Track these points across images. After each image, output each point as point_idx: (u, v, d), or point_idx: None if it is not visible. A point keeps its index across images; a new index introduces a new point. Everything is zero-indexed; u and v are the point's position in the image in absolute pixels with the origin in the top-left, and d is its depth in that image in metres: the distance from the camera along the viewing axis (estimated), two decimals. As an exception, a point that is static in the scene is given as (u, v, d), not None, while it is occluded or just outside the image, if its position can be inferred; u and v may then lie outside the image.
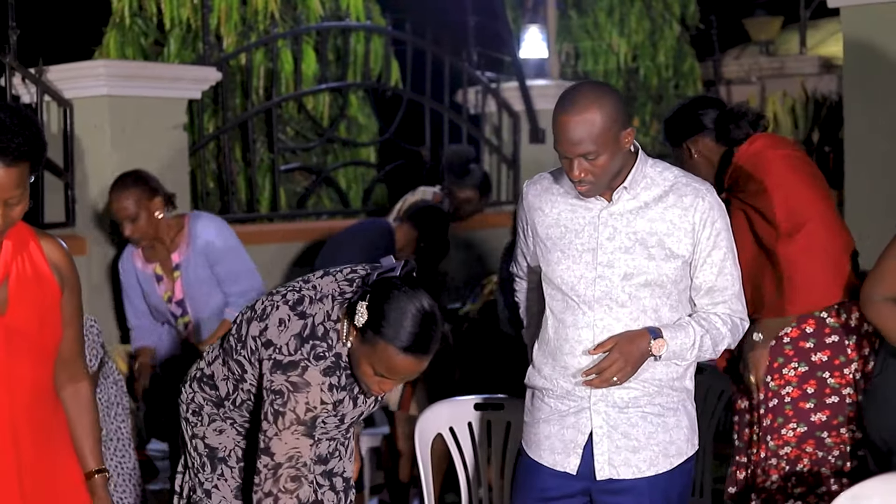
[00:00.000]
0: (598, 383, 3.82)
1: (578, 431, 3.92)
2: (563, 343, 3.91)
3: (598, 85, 3.88)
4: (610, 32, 11.31)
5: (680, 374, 3.93)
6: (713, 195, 3.91)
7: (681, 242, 3.86)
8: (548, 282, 3.96)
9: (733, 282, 3.94)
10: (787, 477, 4.66)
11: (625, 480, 3.91)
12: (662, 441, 3.92)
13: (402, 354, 3.66)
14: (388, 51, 9.05)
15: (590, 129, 3.71)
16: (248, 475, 3.95)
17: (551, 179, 4.02)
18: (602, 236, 3.87)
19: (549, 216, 3.97)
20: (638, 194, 3.88)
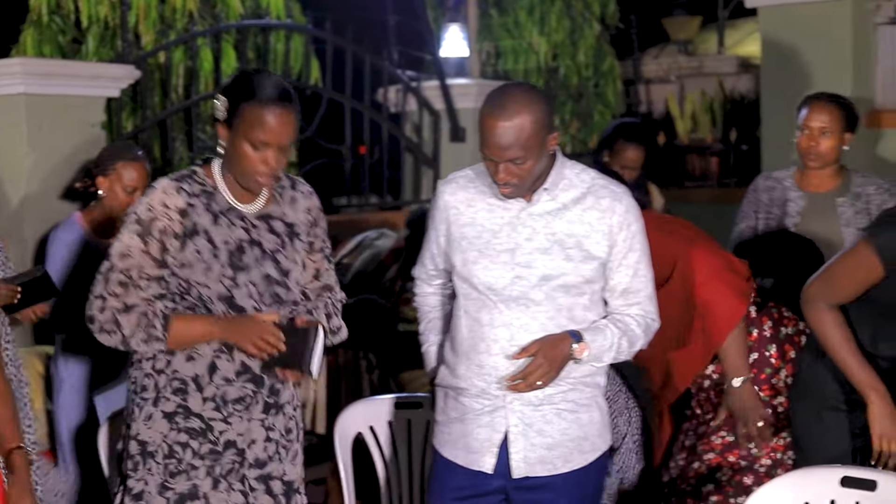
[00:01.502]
0: (523, 388, 3.84)
1: (494, 430, 3.93)
2: (478, 342, 3.92)
3: (528, 89, 3.87)
4: (530, 31, 11.34)
5: (592, 370, 3.96)
6: (630, 198, 3.94)
7: (598, 244, 3.89)
8: (463, 281, 3.96)
9: (647, 284, 3.99)
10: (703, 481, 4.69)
11: (540, 478, 3.93)
12: (577, 437, 3.95)
13: (267, 106, 3.76)
14: (309, 49, 9.03)
15: (519, 134, 3.72)
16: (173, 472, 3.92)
17: (468, 178, 4.02)
18: (521, 237, 3.89)
19: (465, 215, 3.97)
20: (557, 196, 3.90)
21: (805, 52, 7.06)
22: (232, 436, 3.92)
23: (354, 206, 9.65)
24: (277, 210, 3.99)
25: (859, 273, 4.14)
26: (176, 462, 3.90)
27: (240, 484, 3.93)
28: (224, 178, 3.92)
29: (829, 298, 4.19)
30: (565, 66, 11.50)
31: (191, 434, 3.90)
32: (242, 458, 3.93)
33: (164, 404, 3.91)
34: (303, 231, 4.01)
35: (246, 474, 3.93)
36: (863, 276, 4.13)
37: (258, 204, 3.95)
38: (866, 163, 6.82)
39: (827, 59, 7.00)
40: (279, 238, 3.95)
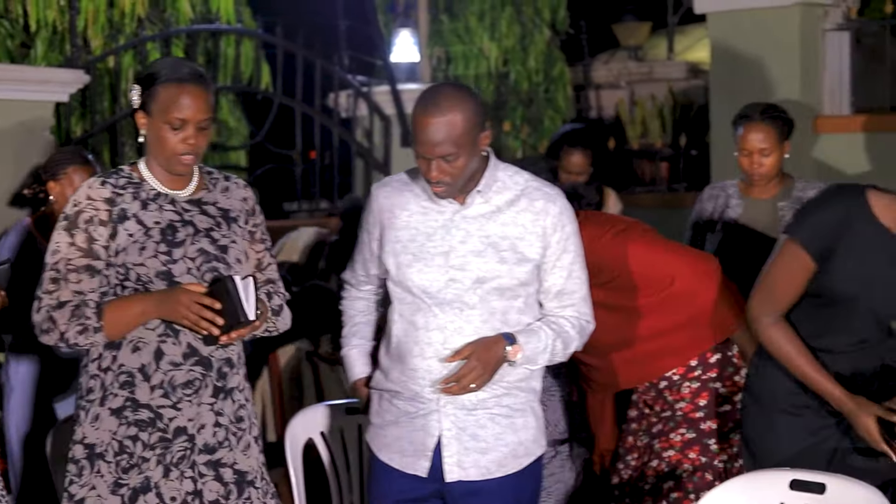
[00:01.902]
0: (456, 390, 3.84)
1: (427, 434, 3.93)
2: (412, 346, 3.92)
3: (458, 87, 3.92)
4: (481, 37, 11.36)
5: (527, 375, 3.97)
6: (563, 200, 3.96)
7: (532, 246, 3.90)
8: (397, 284, 3.96)
9: (581, 285, 4.01)
10: (663, 478, 4.71)
11: (474, 482, 3.93)
12: (511, 442, 3.96)
13: (180, 85, 3.81)
14: (259, 54, 9.01)
15: (450, 130, 3.74)
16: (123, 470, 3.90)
17: (402, 181, 4.03)
18: (455, 240, 3.90)
19: (399, 218, 3.97)
20: (490, 198, 3.91)
21: (754, 57, 7.10)
22: (182, 422, 3.90)
23: (305, 212, 9.64)
24: (210, 196, 3.99)
25: (794, 273, 4.16)
26: (127, 457, 3.88)
27: (190, 471, 3.91)
28: (150, 168, 3.93)
29: (772, 309, 4.19)
30: (516, 72, 11.53)
31: (140, 426, 3.88)
32: (192, 444, 3.91)
33: (111, 401, 3.88)
34: (240, 217, 4.01)
35: (196, 460, 3.91)
36: (798, 275, 4.15)
37: (188, 190, 3.96)
38: (812, 168, 6.87)
39: (775, 65, 7.04)
40: (213, 219, 3.95)
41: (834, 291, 4.10)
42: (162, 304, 3.81)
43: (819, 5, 7.15)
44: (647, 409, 4.81)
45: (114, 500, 3.87)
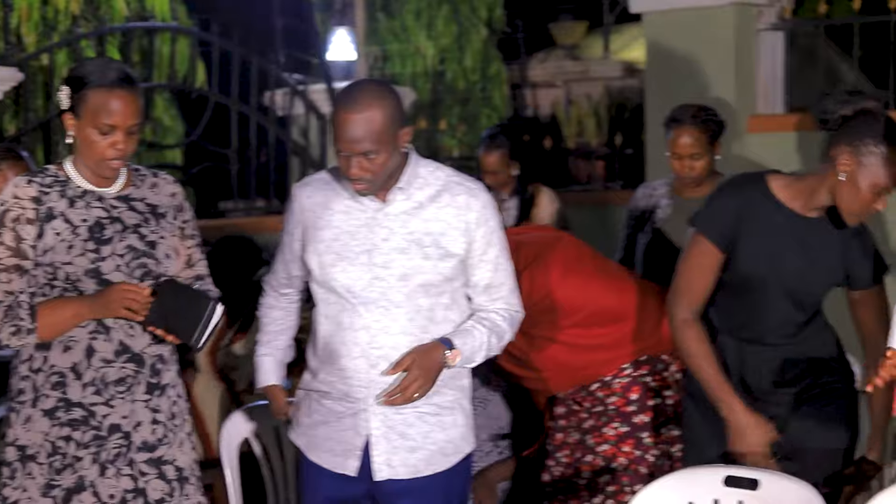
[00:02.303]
0: (400, 402, 3.84)
1: (356, 433, 3.92)
2: (339, 346, 3.91)
3: (378, 83, 3.92)
4: (417, 35, 11.37)
5: (455, 372, 3.97)
6: (486, 193, 3.97)
7: (456, 241, 3.90)
8: (321, 285, 3.95)
9: (508, 277, 4.02)
10: (599, 473, 4.72)
11: (404, 481, 3.92)
12: (440, 440, 3.96)
13: (110, 90, 3.78)
14: (195, 52, 8.97)
15: (370, 126, 3.73)
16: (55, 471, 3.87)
17: (324, 181, 4.01)
18: (378, 237, 3.89)
19: (322, 218, 3.95)
20: (412, 194, 3.90)
21: (689, 56, 7.13)
22: (116, 419, 3.87)
23: (241, 210, 9.60)
24: (137, 193, 3.97)
25: (703, 265, 4.21)
26: (61, 458, 3.85)
27: (128, 468, 3.88)
28: (77, 167, 3.91)
29: (689, 304, 4.24)
30: (452, 71, 11.55)
31: (73, 425, 3.85)
32: (129, 442, 3.88)
33: (43, 402, 3.86)
34: (169, 213, 3.99)
35: (134, 458, 3.89)
36: (708, 265, 4.21)
37: (116, 187, 3.94)
38: (745, 167, 6.89)
39: (710, 64, 7.08)
40: (141, 215, 3.93)
41: (745, 275, 4.17)
42: (97, 302, 3.80)
43: (753, 5, 7.19)
44: (575, 405, 4.82)
45: (45, 502, 3.84)
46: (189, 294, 3.85)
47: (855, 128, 4.01)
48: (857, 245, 4.20)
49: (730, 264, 4.19)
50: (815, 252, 4.17)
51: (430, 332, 3.89)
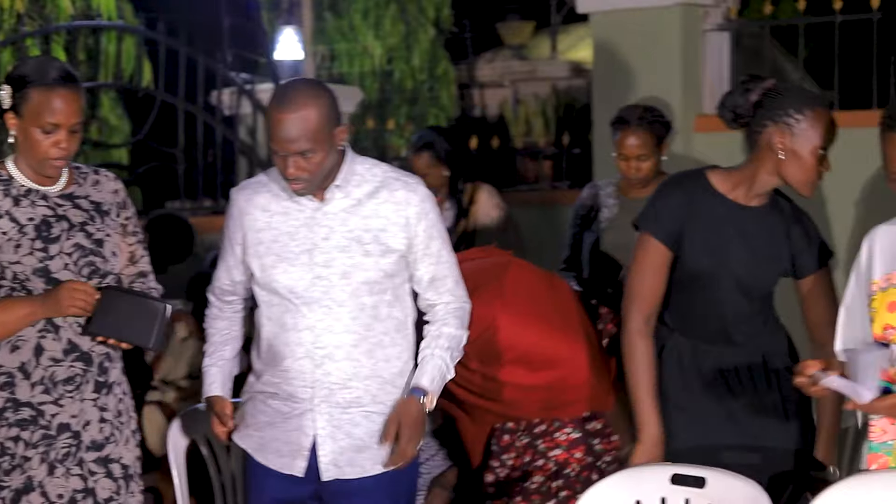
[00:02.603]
0: (403, 464, 3.88)
1: (303, 434, 3.92)
2: (282, 347, 3.91)
3: (312, 82, 3.93)
4: (365, 35, 11.36)
5: (401, 370, 3.98)
6: (424, 187, 3.97)
7: (396, 237, 3.90)
8: (263, 287, 3.94)
9: (451, 268, 4.02)
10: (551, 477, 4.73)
11: (351, 481, 3.92)
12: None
13: (52, 89, 3.78)
14: (141, 51, 8.93)
15: (306, 126, 3.73)
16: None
17: (260, 183, 4.00)
18: (318, 237, 3.88)
19: (260, 220, 3.94)
20: (350, 192, 3.90)
21: (636, 57, 7.16)
22: (65, 418, 3.86)
23: (188, 210, 9.56)
24: (81, 190, 3.95)
25: (653, 264, 4.24)
26: (9, 459, 3.83)
27: (78, 468, 3.87)
28: (19, 167, 3.89)
29: (642, 309, 4.26)
30: (400, 70, 11.54)
31: (21, 426, 3.83)
32: (79, 441, 3.87)
33: None
34: (112, 210, 3.98)
35: (83, 457, 3.88)
36: (657, 265, 4.24)
37: (59, 185, 3.92)
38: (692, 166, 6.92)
39: (657, 65, 7.11)
40: (86, 213, 3.92)
41: (693, 270, 4.20)
42: (48, 301, 3.79)
43: (699, 6, 7.23)
44: None
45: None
46: (134, 299, 3.83)
47: (771, 107, 4.08)
48: (799, 231, 4.24)
49: (678, 262, 4.22)
50: (760, 240, 4.20)
51: (374, 329, 3.89)
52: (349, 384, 3.88)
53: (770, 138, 4.07)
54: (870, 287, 3.69)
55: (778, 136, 4.06)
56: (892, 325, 3.60)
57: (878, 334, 3.63)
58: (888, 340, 3.61)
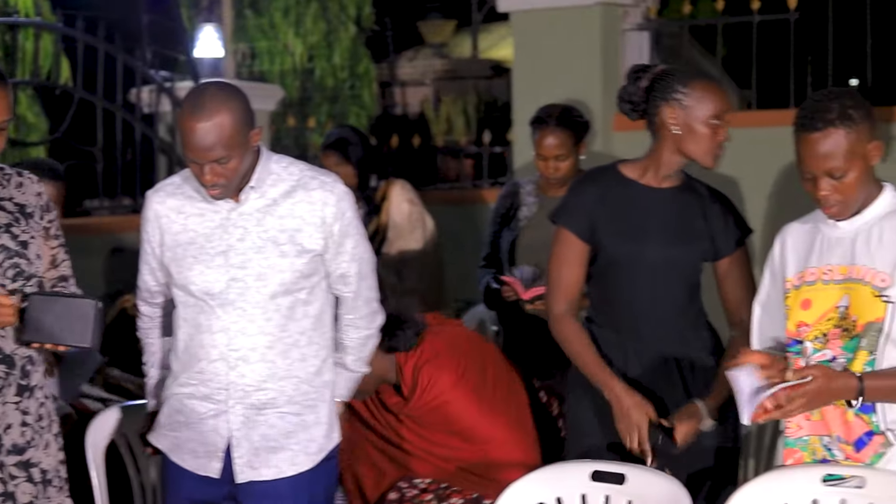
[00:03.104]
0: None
1: (218, 435, 3.90)
2: (197, 349, 3.89)
3: (224, 87, 3.86)
4: (286, 33, 11.34)
5: (318, 368, 3.97)
6: (341, 186, 3.95)
7: (312, 237, 3.89)
8: (180, 288, 3.92)
9: (365, 264, 4.03)
10: None
11: (267, 482, 3.91)
12: (303, 440, 3.95)
13: None
14: (59, 48, 8.85)
15: (220, 133, 3.69)
16: None
17: (175, 185, 3.97)
18: (233, 238, 3.86)
19: (176, 222, 3.92)
20: (266, 192, 3.88)
21: (556, 56, 7.19)
22: None
23: (107, 209, 9.49)
24: (5, 192, 3.90)
25: (569, 257, 4.31)
26: None
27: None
28: None
29: (563, 298, 4.32)
30: (321, 68, 11.52)
31: None
32: (0, 445, 3.83)
33: None
34: (36, 213, 3.93)
35: (4, 461, 3.83)
36: (574, 258, 4.30)
37: None
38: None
39: (577, 64, 7.15)
40: (11, 215, 3.86)
41: (611, 258, 4.25)
42: None
43: (619, 5, 7.28)
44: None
45: None
46: (63, 301, 3.78)
47: (661, 88, 4.18)
48: (717, 210, 4.29)
49: (597, 252, 4.27)
50: (674, 219, 4.25)
51: (289, 330, 3.88)
52: (264, 386, 3.88)
53: (664, 117, 4.16)
54: (784, 284, 3.73)
55: (670, 112, 4.16)
56: (806, 322, 3.65)
57: (792, 331, 3.68)
58: (801, 338, 3.65)
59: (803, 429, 3.67)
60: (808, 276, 3.67)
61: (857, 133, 3.54)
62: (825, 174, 3.55)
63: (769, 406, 3.50)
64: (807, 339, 3.63)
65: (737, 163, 6.71)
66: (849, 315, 3.57)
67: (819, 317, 3.62)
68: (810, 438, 3.66)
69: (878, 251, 3.57)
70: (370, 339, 4.11)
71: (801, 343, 3.64)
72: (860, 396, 3.51)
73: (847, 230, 3.63)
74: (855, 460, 3.58)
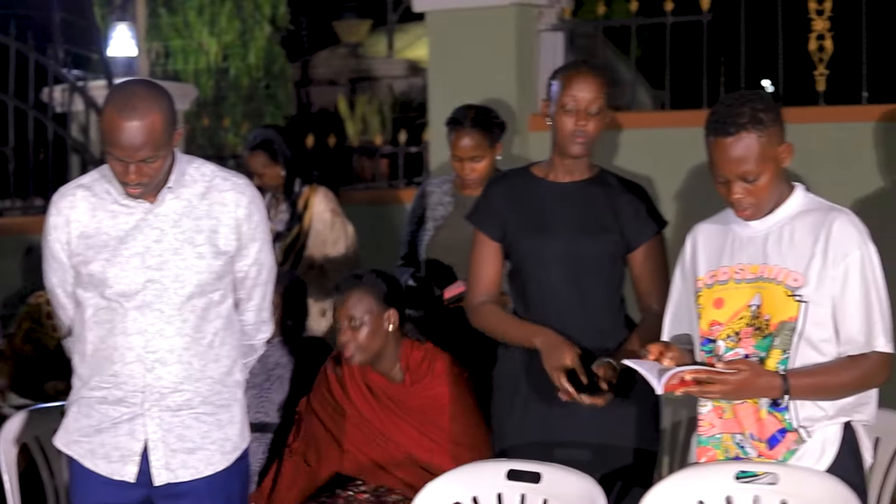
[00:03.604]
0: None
1: (133, 439, 3.87)
2: (111, 352, 3.84)
3: (152, 86, 3.83)
4: (200, 32, 11.27)
5: (229, 368, 3.96)
6: (252, 188, 3.96)
7: (227, 238, 3.88)
8: (91, 291, 3.86)
9: (265, 272, 4.02)
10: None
11: (184, 483, 3.90)
12: (218, 439, 3.94)
13: None
14: (-31, 47, 8.74)
15: (150, 133, 3.66)
16: None
17: (83, 187, 3.91)
18: (149, 239, 3.83)
19: (89, 226, 3.86)
20: (181, 193, 3.86)
21: (472, 56, 7.21)
22: None
23: (18, 209, 9.39)
24: None
25: (484, 255, 4.38)
26: None
27: None
28: None
29: (481, 292, 4.37)
30: (236, 68, 11.47)
31: None
32: None
33: None
34: None
35: None
36: (488, 256, 4.37)
37: None
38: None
39: (492, 64, 7.17)
40: None
41: (522, 252, 4.30)
42: None
43: (534, 6, 7.30)
44: None
45: None
46: None
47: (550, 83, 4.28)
48: (627, 200, 4.30)
49: (510, 250, 4.33)
50: (582, 210, 4.28)
51: (204, 331, 3.87)
52: (180, 387, 3.85)
53: (545, 112, 4.28)
54: (695, 284, 3.77)
55: (544, 105, 4.28)
56: (719, 321, 3.68)
57: (705, 330, 3.71)
58: (714, 336, 3.69)
59: (716, 427, 3.71)
60: (720, 275, 3.70)
61: (768, 136, 3.58)
62: (738, 178, 3.59)
63: (688, 378, 3.53)
64: (719, 338, 3.66)
65: (650, 162, 6.78)
66: (761, 314, 3.61)
67: (731, 315, 3.66)
68: (723, 436, 3.70)
69: (790, 251, 3.62)
70: (251, 351, 4.11)
71: (714, 342, 3.68)
72: (786, 395, 3.56)
73: (758, 230, 3.68)
74: (768, 457, 3.62)
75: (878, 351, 3.58)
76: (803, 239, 3.61)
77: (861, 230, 3.61)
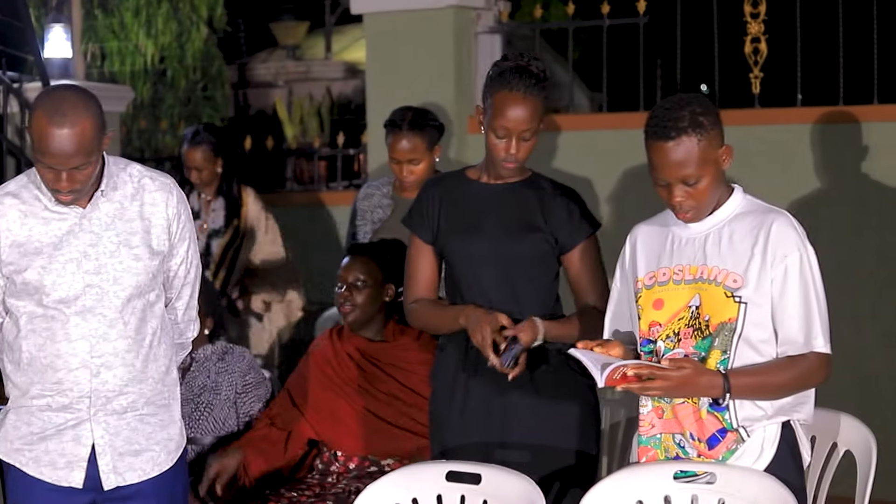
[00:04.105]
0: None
1: (80, 444, 3.84)
2: (53, 359, 3.80)
3: (82, 92, 3.77)
4: (137, 33, 11.20)
5: (167, 367, 3.95)
6: (177, 188, 3.95)
7: (159, 238, 3.87)
8: (28, 299, 3.83)
9: (194, 271, 4.02)
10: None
11: (131, 485, 3.88)
12: (162, 440, 3.93)
13: None
14: None
15: (82, 140, 3.62)
16: None
17: (12, 195, 3.83)
18: (84, 244, 3.80)
19: (20, 234, 3.80)
20: (112, 196, 3.84)
21: (409, 58, 7.22)
22: None
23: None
24: None
25: (418, 258, 4.40)
26: None
27: None
28: None
29: (417, 293, 4.40)
30: (173, 70, 11.41)
31: None
32: None
33: None
34: None
35: None
36: (422, 259, 4.39)
37: None
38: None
39: (430, 66, 7.18)
40: None
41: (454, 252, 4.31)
42: None
43: (471, 8, 7.32)
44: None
45: None
46: None
47: (487, 82, 4.24)
48: (560, 203, 4.30)
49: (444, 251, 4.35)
50: (511, 210, 4.28)
51: (143, 331, 3.85)
52: (125, 390, 3.83)
53: (480, 118, 4.28)
54: (635, 285, 3.79)
55: (478, 110, 4.28)
56: (658, 322, 3.70)
57: (645, 331, 3.73)
58: (654, 337, 3.71)
59: (656, 427, 3.73)
60: (660, 276, 3.72)
61: (708, 140, 3.60)
62: (679, 181, 3.61)
63: (629, 374, 3.54)
64: (659, 339, 3.68)
65: (588, 164, 6.82)
66: (700, 315, 3.64)
67: (671, 316, 3.68)
68: (663, 436, 3.72)
69: (729, 252, 3.64)
70: (181, 349, 4.11)
71: (654, 342, 3.70)
72: (727, 394, 3.58)
73: (698, 231, 3.70)
74: (707, 457, 3.65)
75: (817, 351, 3.61)
76: (742, 240, 3.64)
77: (799, 231, 3.64)
